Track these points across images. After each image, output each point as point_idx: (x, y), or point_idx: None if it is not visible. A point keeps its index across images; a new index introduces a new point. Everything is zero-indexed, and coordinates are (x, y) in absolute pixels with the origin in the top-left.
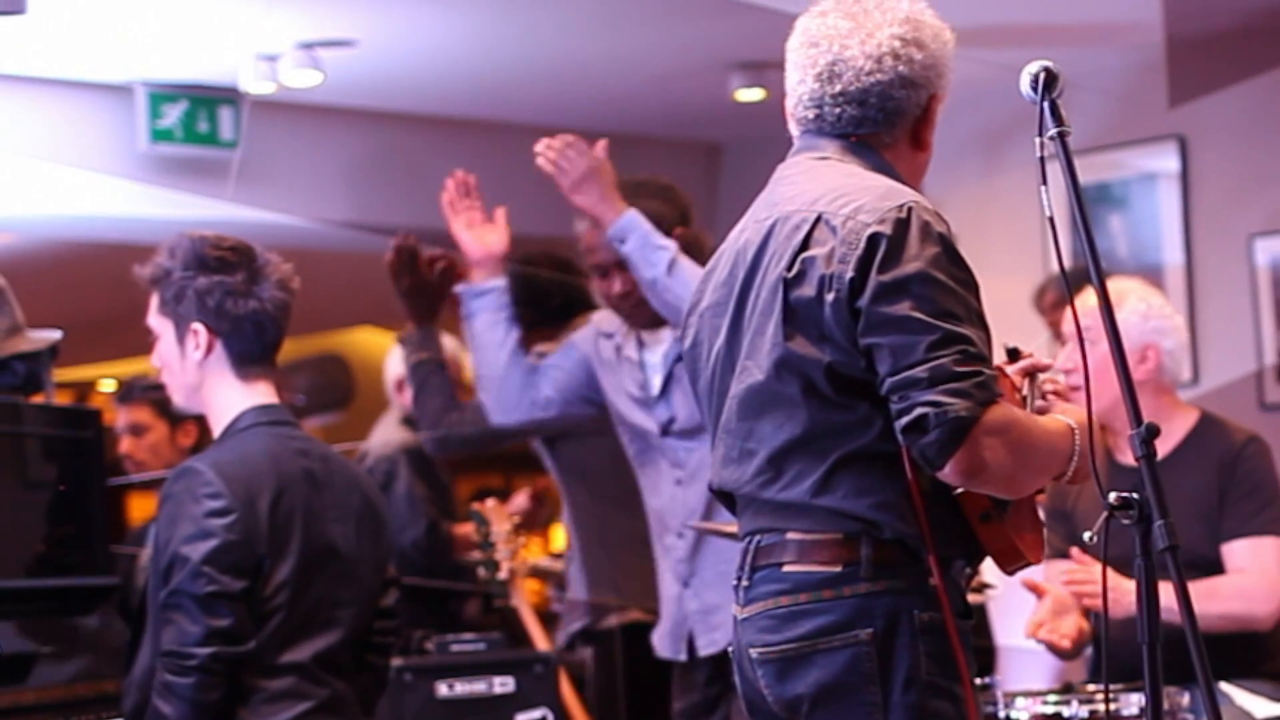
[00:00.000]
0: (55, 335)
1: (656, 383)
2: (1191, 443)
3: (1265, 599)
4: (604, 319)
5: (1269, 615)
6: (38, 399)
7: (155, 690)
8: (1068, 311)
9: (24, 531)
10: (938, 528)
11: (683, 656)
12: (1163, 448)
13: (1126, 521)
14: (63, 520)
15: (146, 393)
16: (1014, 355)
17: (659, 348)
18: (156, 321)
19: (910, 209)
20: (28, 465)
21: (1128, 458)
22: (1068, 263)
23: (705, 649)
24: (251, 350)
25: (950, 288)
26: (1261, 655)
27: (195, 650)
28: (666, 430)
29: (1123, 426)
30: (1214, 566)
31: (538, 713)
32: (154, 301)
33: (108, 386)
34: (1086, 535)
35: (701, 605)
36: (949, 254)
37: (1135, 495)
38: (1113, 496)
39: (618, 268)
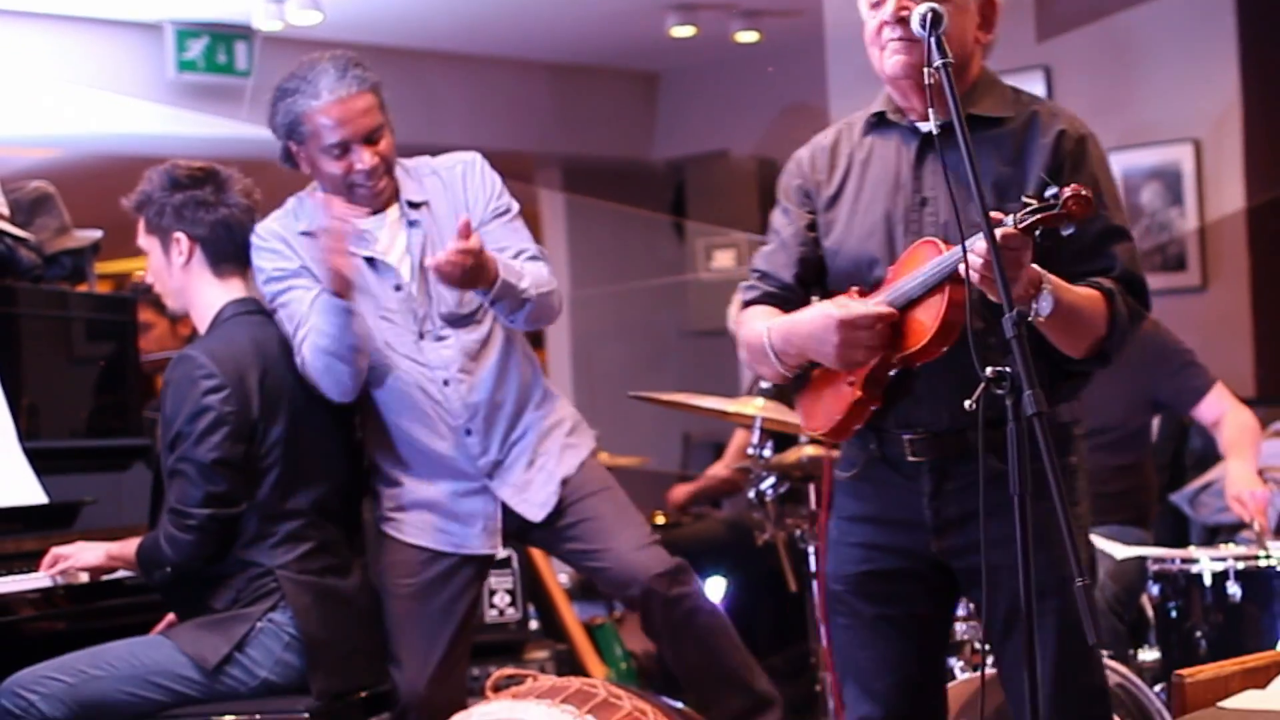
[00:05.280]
0: (96, 234)
1: (405, 272)
2: None
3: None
4: (294, 223)
5: None
6: (82, 288)
7: (162, 532)
8: None
9: (70, 400)
10: None
11: (499, 549)
12: None
13: (1000, 391)
14: (103, 391)
15: (145, 295)
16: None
17: (387, 241)
18: (145, 241)
19: None
20: (74, 344)
21: None
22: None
23: (539, 514)
24: (225, 250)
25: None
26: (1133, 510)
27: (195, 511)
28: (425, 331)
29: None
30: (1138, 430)
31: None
32: (141, 225)
33: (141, 273)
34: (966, 403)
35: (512, 486)
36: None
37: (1008, 369)
38: (989, 370)
39: (370, 141)
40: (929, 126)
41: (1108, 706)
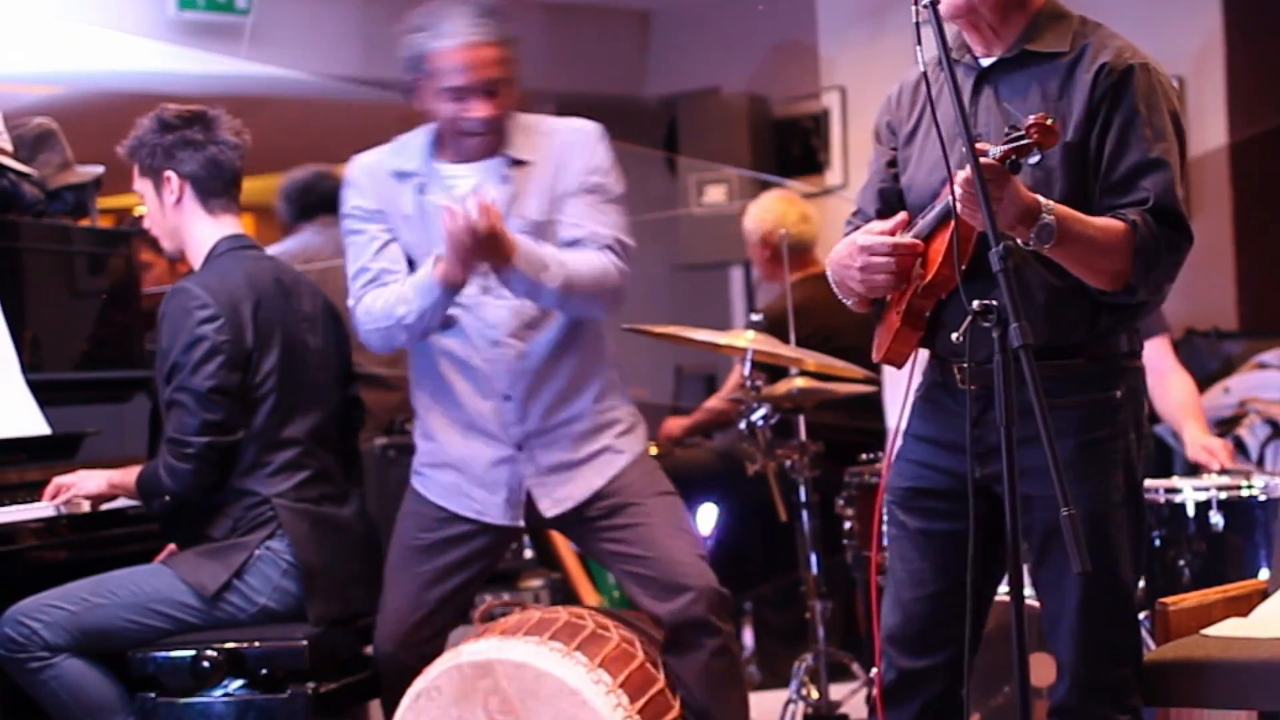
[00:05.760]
0: (98, 170)
1: None
2: None
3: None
4: (391, 160)
5: None
6: (84, 223)
7: (161, 462)
8: None
9: (73, 333)
10: None
11: (520, 522)
12: None
13: (986, 324)
14: (104, 323)
15: (143, 235)
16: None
17: (467, 190)
18: (139, 185)
19: None
20: (76, 278)
21: None
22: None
23: (551, 510)
24: (215, 186)
25: None
26: None
27: (193, 440)
28: (488, 287)
29: None
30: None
31: None
32: (135, 170)
33: (142, 211)
34: (954, 335)
35: (538, 467)
36: None
37: (995, 302)
38: (975, 303)
39: (488, 92)
40: (989, 62)
41: (1137, 636)
